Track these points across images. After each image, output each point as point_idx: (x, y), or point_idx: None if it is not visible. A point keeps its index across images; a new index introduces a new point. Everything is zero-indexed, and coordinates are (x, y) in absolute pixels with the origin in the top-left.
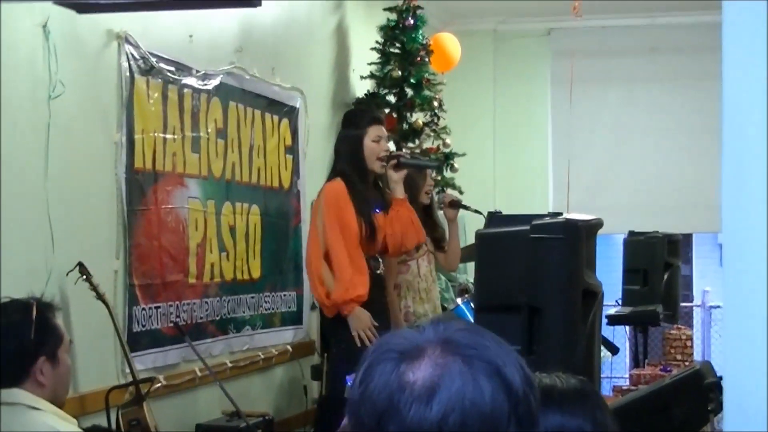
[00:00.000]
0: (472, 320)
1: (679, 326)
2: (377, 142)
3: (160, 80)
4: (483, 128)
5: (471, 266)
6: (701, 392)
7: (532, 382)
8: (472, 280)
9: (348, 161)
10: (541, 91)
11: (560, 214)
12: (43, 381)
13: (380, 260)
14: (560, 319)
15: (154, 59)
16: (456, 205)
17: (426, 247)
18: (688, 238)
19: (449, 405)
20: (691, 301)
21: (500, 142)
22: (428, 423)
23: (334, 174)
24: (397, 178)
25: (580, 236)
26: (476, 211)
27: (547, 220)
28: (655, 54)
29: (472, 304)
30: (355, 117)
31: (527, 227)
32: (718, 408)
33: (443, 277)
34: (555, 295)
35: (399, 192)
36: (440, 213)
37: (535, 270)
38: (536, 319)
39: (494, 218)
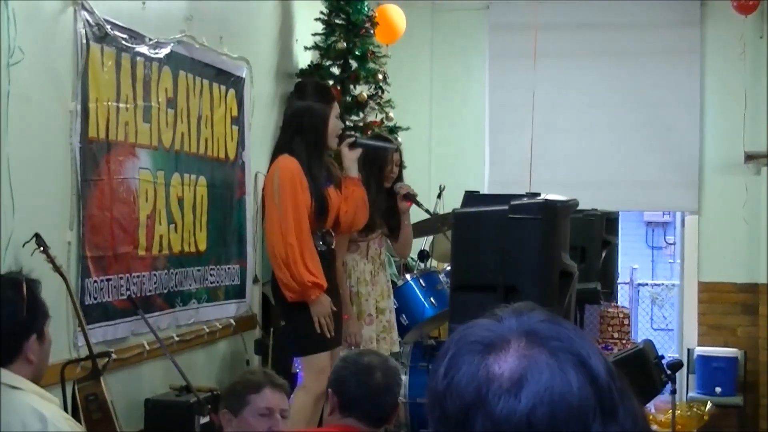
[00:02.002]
0: (421, 297)
1: (616, 304)
2: (338, 119)
3: (113, 48)
4: (420, 102)
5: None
6: (646, 370)
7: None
8: (412, 257)
9: (307, 135)
10: (478, 65)
11: (538, 194)
12: (32, 358)
13: (333, 235)
14: (537, 300)
15: (108, 26)
16: (410, 198)
17: (379, 230)
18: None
19: (537, 397)
20: (617, 279)
21: (437, 117)
22: (517, 416)
23: (283, 149)
24: (352, 157)
25: (557, 217)
26: (427, 211)
27: (525, 200)
28: (592, 29)
29: (421, 281)
30: (317, 90)
31: (505, 207)
32: (663, 386)
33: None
34: (532, 275)
35: (353, 171)
36: None
37: (512, 250)
38: (513, 299)
39: (471, 197)
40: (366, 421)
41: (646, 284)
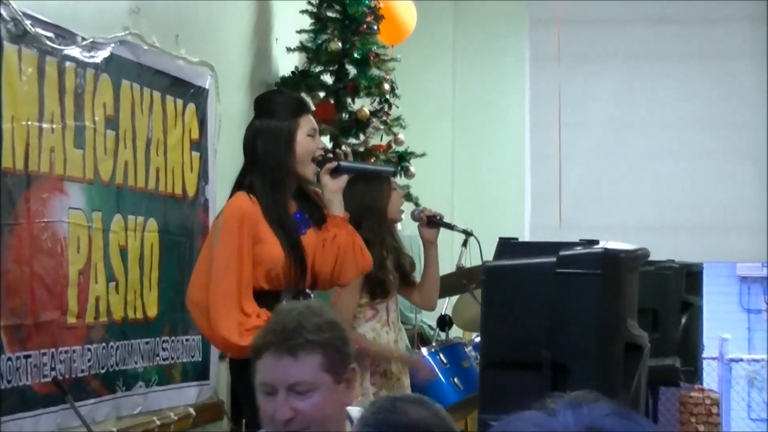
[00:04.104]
0: (441, 377)
1: (701, 387)
2: (312, 137)
3: (35, 50)
4: (439, 120)
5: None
6: None
7: None
8: (428, 323)
9: (270, 163)
10: (515, 73)
11: (596, 241)
12: None
13: (310, 295)
14: (595, 381)
15: (28, 22)
16: (436, 222)
17: (394, 290)
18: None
19: None
20: (702, 353)
21: (461, 139)
22: None
23: (240, 185)
24: (335, 187)
25: (622, 271)
26: (465, 232)
27: (579, 249)
28: (665, 25)
29: (442, 356)
30: (278, 103)
31: (552, 258)
32: None
33: None
34: (588, 349)
35: (337, 207)
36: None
37: (562, 316)
38: (563, 381)
39: (506, 246)
40: None
41: (741, 360)
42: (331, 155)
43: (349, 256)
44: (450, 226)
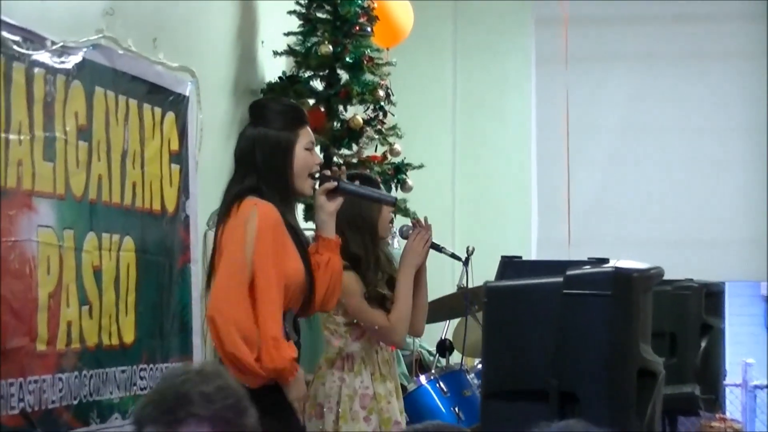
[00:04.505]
0: (442, 407)
1: (723, 416)
2: (310, 151)
3: (0, 56)
4: (439, 129)
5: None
6: None
7: None
8: (427, 348)
9: (272, 173)
10: (520, 76)
11: (606, 260)
12: None
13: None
14: (606, 411)
15: None
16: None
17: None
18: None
19: None
20: (724, 380)
21: (463, 149)
22: None
23: (248, 191)
24: (331, 209)
25: (634, 292)
26: (453, 256)
27: (588, 269)
28: (679, 24)
29: (442, 384)
30: (276, 111)
31: (558, 278)
32: None
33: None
34: (599, 376)
35: (330, 229)
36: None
37: (569, 340)
38: (571, 411)
39: (510, 265)
40: None
41: (766, 386)
42: (328, 172)
43: (339, 283)
44: (439, 249)
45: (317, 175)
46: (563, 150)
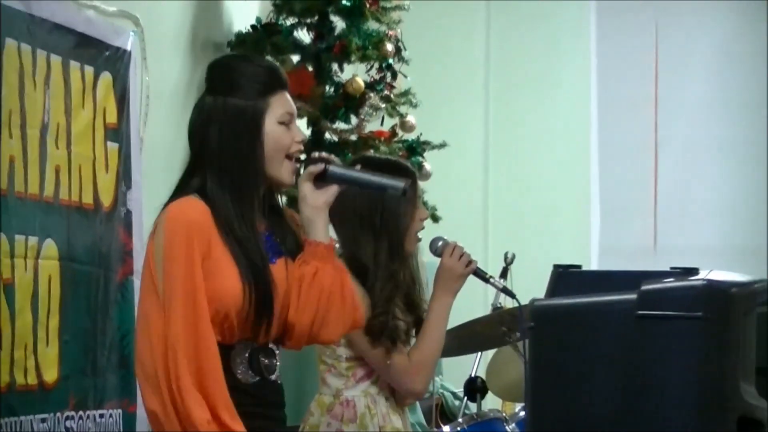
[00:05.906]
0: None
1: None
2: (286, 125)
3: None
4: (467, 96)
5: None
6: None
7: None
8: (451, 389)
9: (228, 159)
10: (575, 31)
11: (695, 270)
12: None
13: (276, 353)
14: None
15: None
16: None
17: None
18: None
19: None
20: None
21: (498, 124)
22: None
23: (185, 189)
24: (318, 202)
25: (732, 314)
26: (506, 291)
27: (669, 282)
28: None
29: None
30: (240, 73)
31: (631, 295)
32: None
33: None
34: (686, 425)
35: (320, 230)
36: None
37: (645, 378)
38: None
39: (565, 277)
40: None
41: None
42: (316, 155)
43: (335, 302)
44: (483, 277)
45: (302, 158)
46: (637, 128)
